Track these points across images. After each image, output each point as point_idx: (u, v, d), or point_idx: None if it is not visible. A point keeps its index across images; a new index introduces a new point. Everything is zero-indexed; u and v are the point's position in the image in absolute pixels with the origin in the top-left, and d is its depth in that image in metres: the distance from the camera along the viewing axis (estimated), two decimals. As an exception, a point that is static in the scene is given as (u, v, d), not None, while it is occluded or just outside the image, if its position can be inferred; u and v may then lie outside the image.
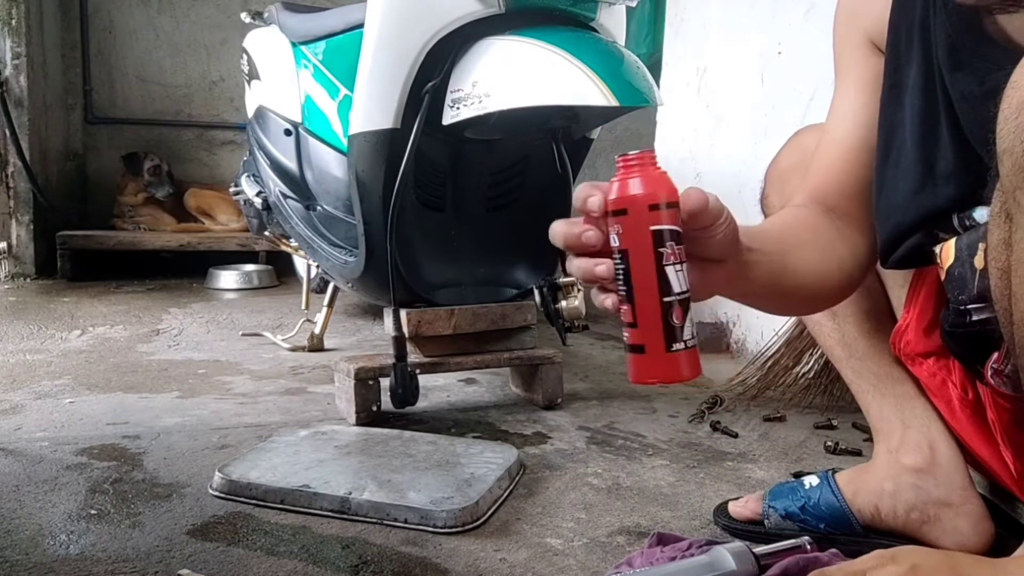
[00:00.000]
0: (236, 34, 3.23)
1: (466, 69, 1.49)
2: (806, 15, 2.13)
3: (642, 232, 0.65)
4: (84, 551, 1.05)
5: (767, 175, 1.14)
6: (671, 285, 0.66)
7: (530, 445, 1.52)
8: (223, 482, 1.24)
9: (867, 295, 1.07)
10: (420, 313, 1.64)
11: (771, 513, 1.11)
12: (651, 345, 0.67)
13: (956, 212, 0.80)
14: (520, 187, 1.83)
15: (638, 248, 0.65)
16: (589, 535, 1.13)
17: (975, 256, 0.76)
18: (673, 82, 2.75)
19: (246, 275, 3.49)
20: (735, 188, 2.38)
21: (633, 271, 0.66)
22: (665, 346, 0.67)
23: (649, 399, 1.85)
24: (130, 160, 3.75)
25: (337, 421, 1.65)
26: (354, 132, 1.60)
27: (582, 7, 1.57)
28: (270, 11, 2.33)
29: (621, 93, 1.37)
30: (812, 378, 1.80)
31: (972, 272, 0.77)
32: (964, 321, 0.80)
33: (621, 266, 0.67)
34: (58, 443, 1.46)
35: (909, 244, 0.85)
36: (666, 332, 0.66)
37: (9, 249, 3.45)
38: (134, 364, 2.10)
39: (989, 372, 0.82)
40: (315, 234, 2.01)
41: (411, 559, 1.05)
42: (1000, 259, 0.62)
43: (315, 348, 2.30)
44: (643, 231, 0.65)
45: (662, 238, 0.65)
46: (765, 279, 0.80)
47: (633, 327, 0.67)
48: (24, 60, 3.35)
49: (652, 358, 0.67)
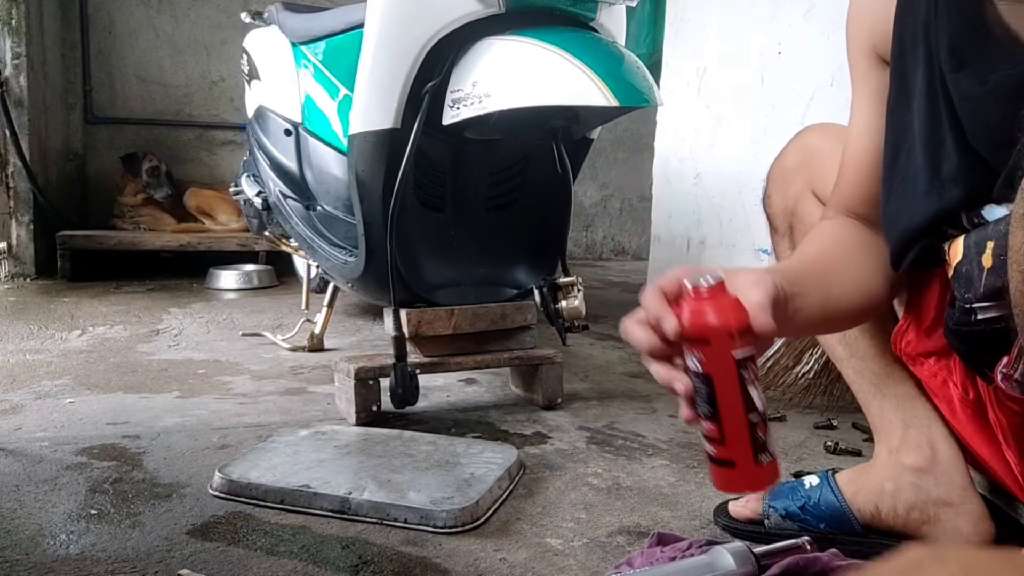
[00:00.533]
0: (236, 34, 3.23)
1: (466, 69, 1.49)
2: (806, 15, 2.13)
3: (726, 360, 0.69)
4: (84, 551, 1.05)
5: (770, 174, 1.14)
6: (755, 403, 0.70)
7: (530, 445, 1.52)
8: (223, 482, 1.24)
9: (868, 295, 1.08)
10: (420, 313, 1.64)
11: (771, 513, 1.11)
12: (740, 460, 0.71)
13: (965, 211, 0.80)
14: (520, 187, 1.83)
15: (722, 374, 0.69)
16: (589, 535, 1.13)
17: (983, 254, 0.76)
18: (673, 82, 2.75)
19: (246, 275, 3.49)
20: (735, 188, 2.38)
21: (719, 395, 0.70)
22: (754, 460, 0.71)
23: (649, 399, 1.85)
24: (128, 161, 3.75)
25: (337, 421, 1.65)
26: (354, 132, 1.60)
27: (582, 7, 1.57)
28: (270, 11, 2.33)
29: (621, 93, 1.37)
30: (812, 378, 1.80)
31: (979, 270, 0.77)
32: (969, 319, 0.80)
33: (704, 389, 0.70)
34: (58, 443, 1.46)
35: (919, 247, 0.86)
36: (754, 447, 0.71)
37: (9, 249, 3.45)
38: (134, 364, 2.10)
39: (999, 376, 0.82)
40: (315, 234, 2.01)
41: (411, 559, 1.05)
42: (1022, 263, 0.61)
43: (315, 348, 2.29)
44: (727, 359, 0.69)
45: (743, 363, 0.69)
46: (814, 318, 0.83)
47: (719, 443, 0.71)
48: (24, 60, 3.35)
49: (742, 472, 0.72)
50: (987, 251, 0.75)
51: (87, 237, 3.54)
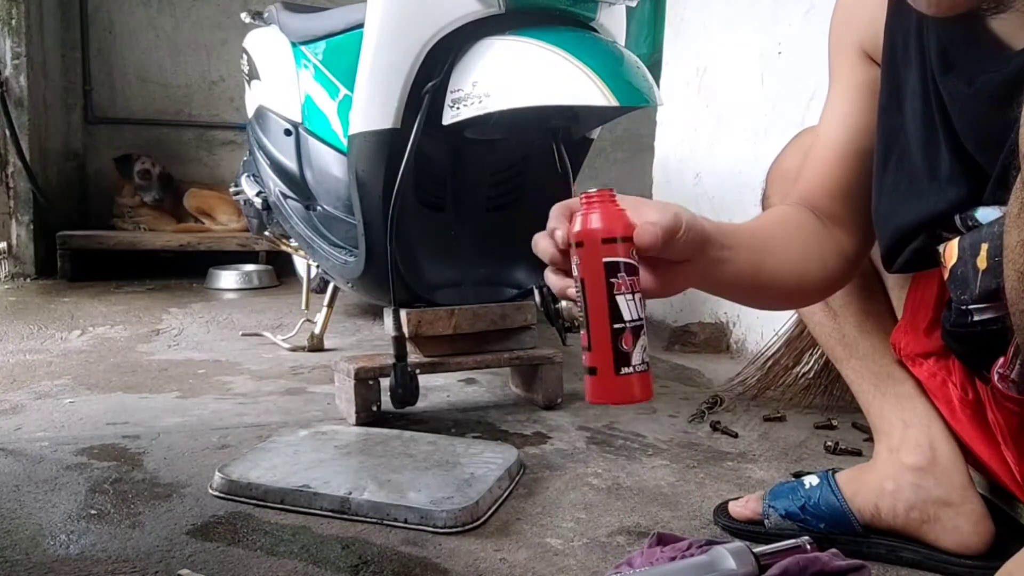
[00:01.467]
0: (236, 34, 3.22)
1: (466, 69, 1.49)
2: (806, 15, 2.13)
3: (596, 263, 0.71)
4: (84, 551, 1.05)
5: (769, 176, 1.14)
6: (621, 313, 0.71)
7: (530, 445, 1.52)
8: (223, 482, 1.24)
9: (867, 295, 1.08)
10: (420, 313, 1.64)
11: (771, 513, 1.11)
12: (602, 368, 0.72)
13: (958, 213, 0.80)
14: (520, 187, 1.84)
15: (592, 278, 0.71)
16: (589, 535, 1.13)
17: (978, 256, 0.76)
18: (673, 82, 2.75)
19: (246, 275, 3.49)
20: (735, 188, 2.38)
21: (588, 299, 0.72)
22: (615, 369, 0.72)
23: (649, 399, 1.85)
24: (122, 162, 3.75)
25: (337, 421, 1.65)
26: (354, 132, 1.60)
27: (582, 7, 1.57)
28: (270, 11, 2.33)
29: (621, 93, 1.37)
30: (812, 378, 1.80)
31: (974, 272, 0.77)
32: (965, 321, 0.80)
33: (580, 293, 0.72)
34: (58, 443, 1.46)
35: (912, 248, 0.86)
36: (615, 357, 0.71)
37: (9, 249, 3.45)
38: (134, 364, 2.10)
39: (995, 376, 0.82)
40: (315, 234, 2.01)
41: (411, 559, 1.05)
42: (1018, 261, 0.61)
43: (315, 348, 2.29)
44: (597, 262, 0.71)
45: (614, 269, 0.71)
46: (739, 275, 0.83)
47: (587, 350, 0.73)
48: (24, 60, 3.35)
49: (603, 380, 0.72)
50: (982, 253, 0.75)
51: (87, 237, 3.54)
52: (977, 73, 0.74)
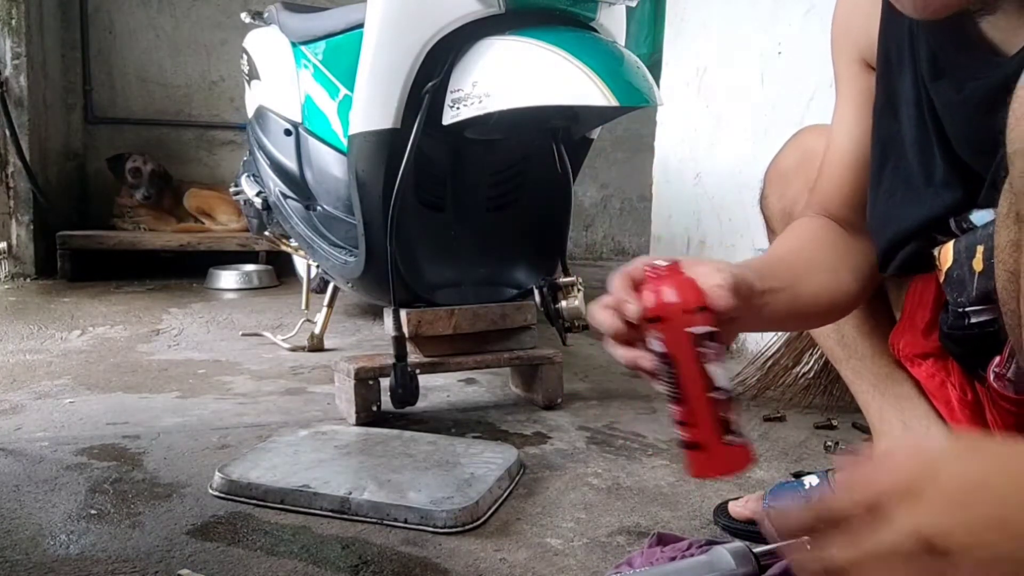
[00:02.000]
0: (236, 34, 3.22)
1: (466, 69, 1.49)
2: (806, 15, 2.13)
3: (682, 336, 0.69)
4: (84, 551, 1.05)
5: (767, 175, 1.14)
6: (716, 382, 0.70)
7: (530, 445, 1.52)
8: (223, 482, 1.24)
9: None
10: (420, 313, 1.64)
11: (771, 513, 1.11)
12: (707, 441, 0.71)
13: (953, 216, 0.80)
14: (520, 187, 1.84)
15: (681, 352, 0.70)
16: (589, 535, 1.13)
17: (973, 259, 0.76)
18: (673, 82, 2.75)
19: (246, 275, 3.49)
20: (735, 188, 2.38)
21: (680, 373, 0.70)
22: (720, 441, 0.70)
23: (649, 399, 1.85)
24: (114, 162, 3.74)
25: (337, 421, 1.65)
26: (354, 132, 1.60)
27: (582, 7, 1.57)
28: (270, 11, 2.33)
29: (621, 93, 1.37)
30: (812, 378, 1.80)
31: (971, 274, 0.77)
32: (963, 323, 0.80)
33: (666, 370, 0.70)
34: (58, 443, 1.46)
35: (907, 251, 0.86)
36: (720, 427, 0.70)
37: (9, 249, 3.45)
38: (134, 364, 2.10)
39: (991, 376, 0.82)
40: (315, 234, 2.01)
41: (411, 559, 1.05)
42: (1008, 261, 0.62)
43: (315, 348, 2.29)
44: (682, 335, 0.69)
45: (701, 340, 0.70)
46: (781, 313, 0.83)
47: (684, 425, 0.71)
48: (24, 60, 3.35)
49: (710, 454, 0.71)
50: (977, 255, 0.75)
51: (87, 237, 3.53)
52: (966, 80, 0.74)
